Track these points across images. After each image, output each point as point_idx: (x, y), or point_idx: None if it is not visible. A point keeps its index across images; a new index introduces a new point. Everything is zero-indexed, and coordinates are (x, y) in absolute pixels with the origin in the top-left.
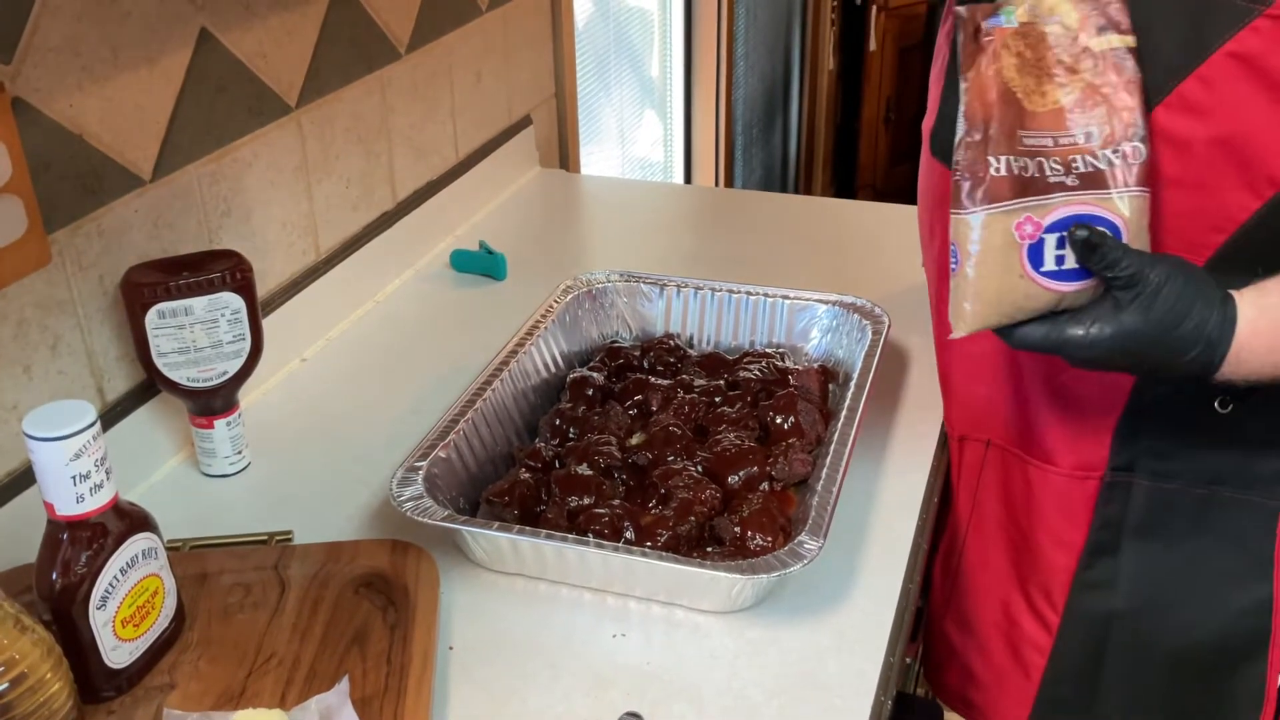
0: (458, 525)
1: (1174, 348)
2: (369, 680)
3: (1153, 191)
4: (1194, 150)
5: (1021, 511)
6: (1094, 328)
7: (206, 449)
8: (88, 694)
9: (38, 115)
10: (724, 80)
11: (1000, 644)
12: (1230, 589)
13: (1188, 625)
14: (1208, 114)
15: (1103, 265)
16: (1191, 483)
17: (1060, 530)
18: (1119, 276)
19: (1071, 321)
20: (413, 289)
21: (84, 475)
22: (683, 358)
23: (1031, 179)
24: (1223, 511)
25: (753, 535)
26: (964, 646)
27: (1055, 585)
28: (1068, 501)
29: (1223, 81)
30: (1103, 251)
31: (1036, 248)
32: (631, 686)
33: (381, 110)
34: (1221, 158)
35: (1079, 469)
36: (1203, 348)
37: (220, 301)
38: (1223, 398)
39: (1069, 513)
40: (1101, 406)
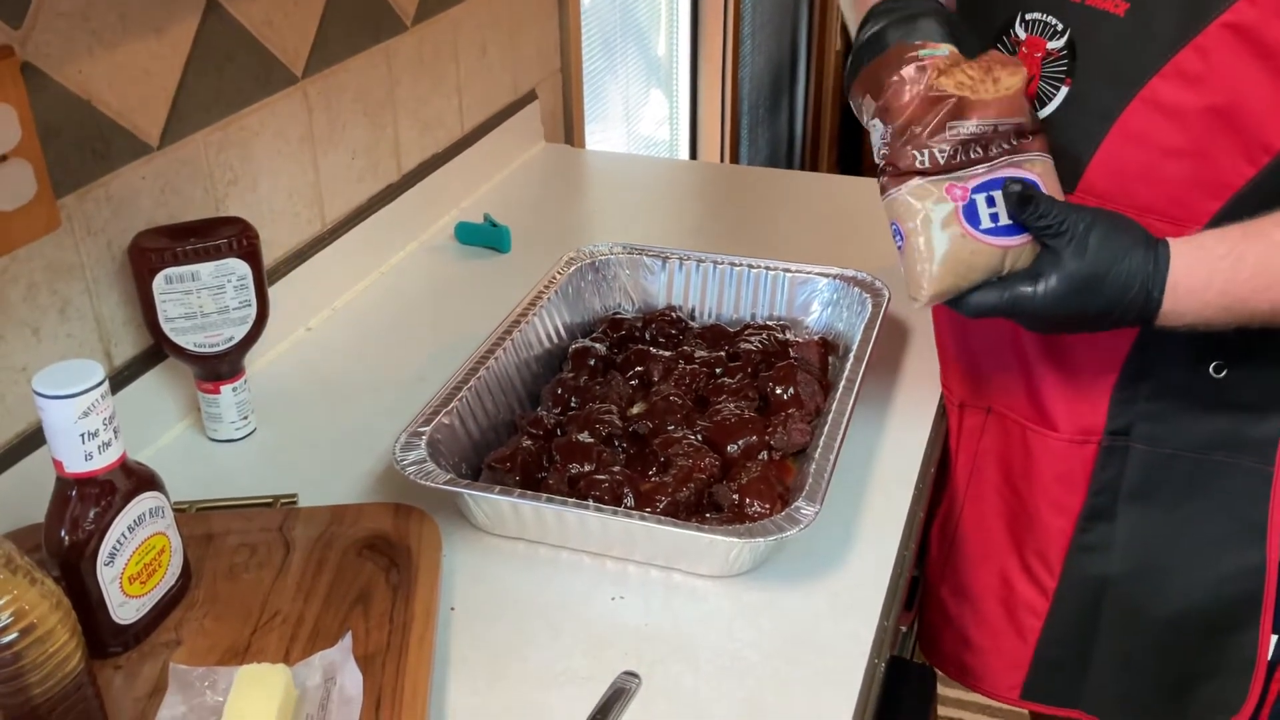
0: (460, 489)
1: (1115, 286)
2: (371, 638)
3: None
4: (1189, 120)
5: (1020, 477)
6: (1040, 282)
7: (213, 414)
8: (95, 649)
9: (47, 80)
10: (730, 59)
11: (996, 609)
12: (1223, 554)
13: (1181, 589)
14: (1203, 83)
15: (1035, 215)
16: (1186, 447)
17: (1058, 495)
18: (1050, 225)
19: (1018, 281)
20: (418, 260)
21: (92, 433)
22: (684, 329)
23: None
24: (1217, 476)
25: (751, 502)
26: (959, 612)
27: (1052, 550)
28: (1066, 467)
29: (1218, 51)
30: (1035, 203)
31: (970, 208)
32: (629, 647)
33: (387, 82)
34: (1217, 126)
35: (1078, 434)
36: (1139, 286)
37: (227, 267)
38: (1217, 362)
39: (1067, 478)
40: (1099, 371)
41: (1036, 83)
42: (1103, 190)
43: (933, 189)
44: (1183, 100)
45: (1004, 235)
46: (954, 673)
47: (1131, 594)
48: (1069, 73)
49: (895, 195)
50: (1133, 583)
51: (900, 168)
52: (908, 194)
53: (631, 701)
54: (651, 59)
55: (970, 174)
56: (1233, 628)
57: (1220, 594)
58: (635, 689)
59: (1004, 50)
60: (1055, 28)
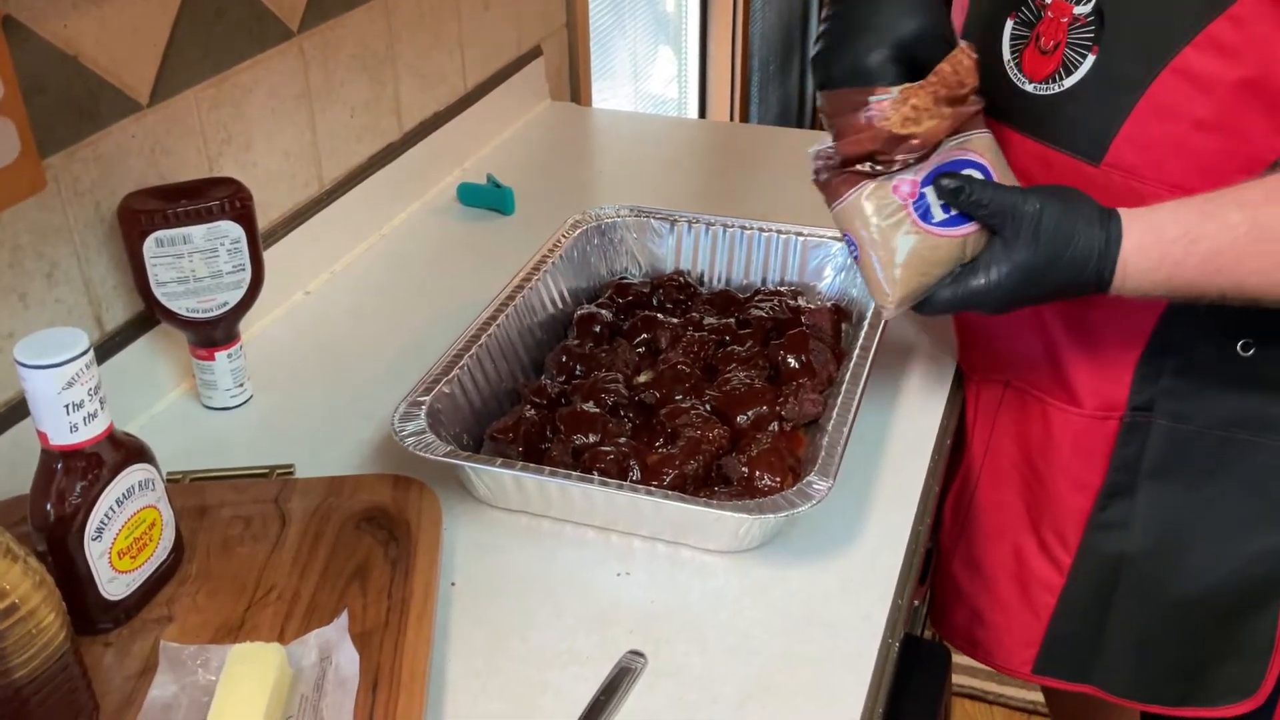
0: (460, 461)
1: (1070, 267)
2: (369, 615)
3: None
4: (1221, 92)
5: (1038, 453)
6: (991, 272)
7: (207, 381)
8: (84, 626)
9: (29, 34)
10: (740, 15)
11: (1010, 584)
12: (1244, 534)
13: (1200, 569)
14: (1238, 55)
15: (972, 205)
16: (1209, 425)
17: (1077, 471)
18: (991, 213)
19: (969, 274)
20: (419, 222)
21: (77, 404)
22: (692, 295)
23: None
24: (1240, 456)
25: (761, 475)
26: (972, 587)
27: (1069, 526)
28: (1087, 442)
29: (1254, 21)
30: (968, 192)
31: (921, 203)
32: (635, 625)
33: (387, 37)
34: (1250, 98)
35: (1100, 410)
36: (1092, 269)
37: (219, 230)
38: (1245, 340)
39: (1087, 454)
40: (1123, 345)
41: (1062, 50)
42: (1130, 164)
43: (880, 189)
44: (1215, 71)
45: (958, 224)
46: (964, 646)
47: (1149, 572)
48: (1096, 40)
49: (844, 203)
50: (1151, 561)
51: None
52: (856, 199)
53: (637, 681)
54: (660, 15)
55: (915, 168)
56: (1252, 610)
57: (1241, 575)
58: (641, 668)
59: (1029, 14)
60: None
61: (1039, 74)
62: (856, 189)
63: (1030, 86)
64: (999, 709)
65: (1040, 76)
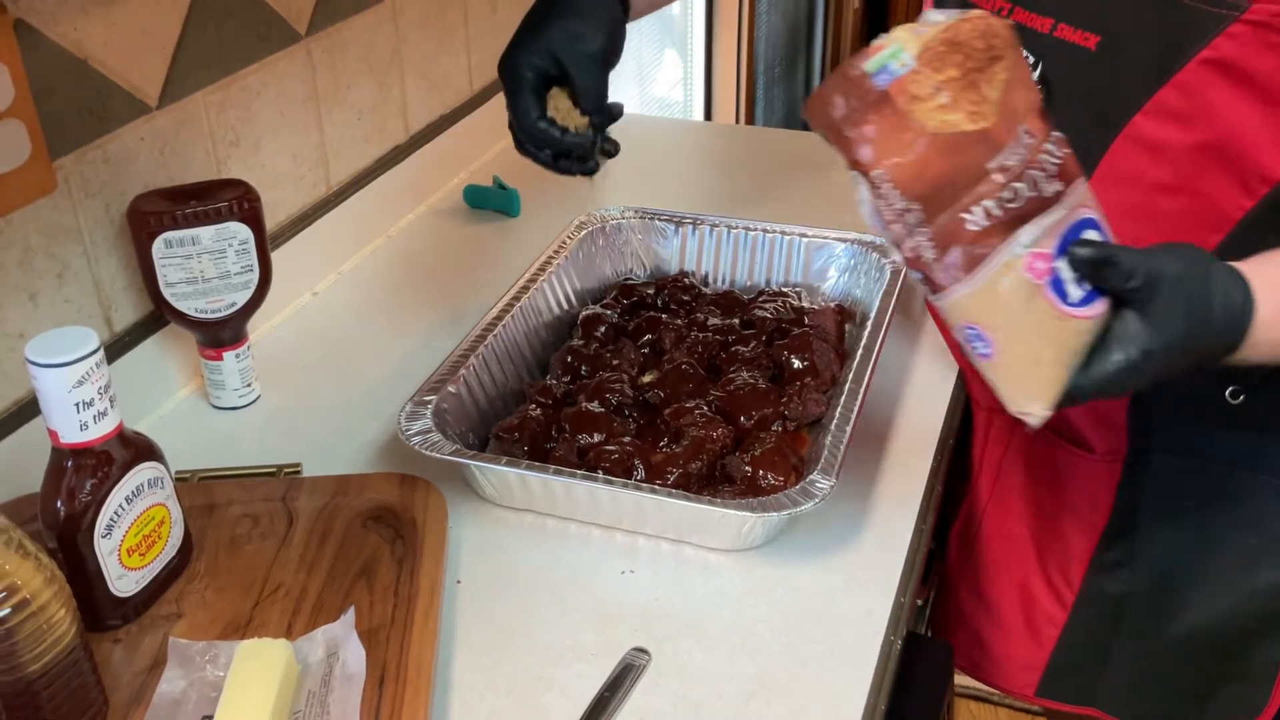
0: (466, 460)
1: (1213, 337)
2: (376, 612)
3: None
4: (1178, 155)
5: (1046, 490)
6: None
7: (216, 381)
8: (94, 622)
9: (40, 38)
10: (746, 17)
11: (1015, 615)
12: (1245, 570)
13: (1203, 604)
14: (1189, 120)
15: (1117, 278)
16: (1208, 462)
17: (1083, 512)
18: (1138, 285)
19: (1104, 357)
20: (425, 224)
21: (87, 403)
22: (697, 296)
23: (1020, 206)
24: (1239, 493)
25: (764, 474)
26: (975, 614)
27: (1073, 565)
28: (1093, 484)
29: (1201, 89)
30: (1113, 263)
31: (1057, 282)
32: (639, 623)
33: (394, 40)
34: (1208, 161)
35: (1107, 454)
36: (1233, 330)
37: (227, 231)
38: (1233, 389)
39: (1093, 496)
40: None
41: None
42: None
43: (1011, 269)
44: (1169, 137)
45: (1093, 300)
46: (967, 667)
47: (1151, 609)
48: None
49: (966, 289)
50: (1153, 599)
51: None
52: (988, 283)
53: (641, 678)
54: (665, 18)
55: (1038, 230)
56: (1251, 643)
57: (1243, 610)
58: (645, 666)
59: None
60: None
61: None
62: (982, 269)
63: None
64: (1003, 710)
65: None
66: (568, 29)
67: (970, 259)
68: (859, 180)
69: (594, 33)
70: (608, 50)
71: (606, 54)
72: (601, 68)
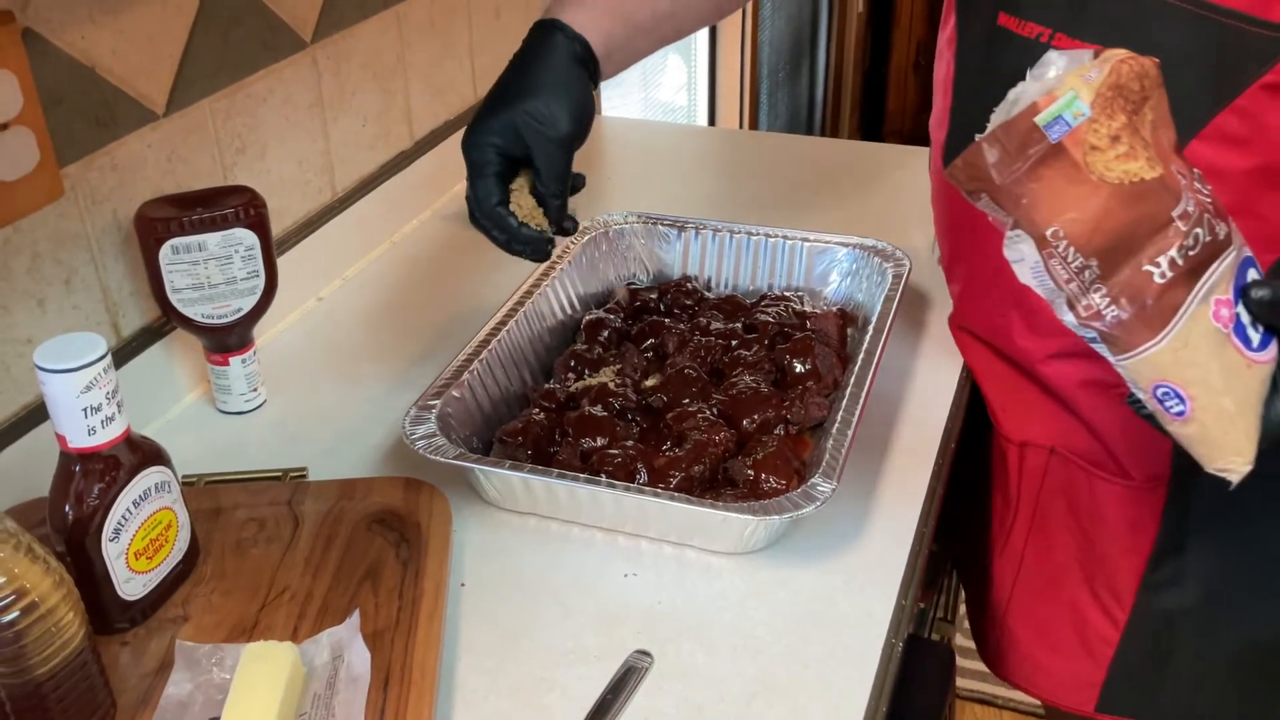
0: (470, 464)
1: None
2: (380, 614)
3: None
4: (1235, 180)
5: (1087, 518)
6: None
7: (222, 386)
8: (101, 625)
9: (48, 46)
10: (750, 22)
11: (1069, 636)
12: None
13: (1256, 615)
14: (1247, 144)
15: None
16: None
17: (1127, 538)
18: None
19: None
20: (430, 229)
21: (95, 408)
22: (700, 300)
23: (1199, 253)
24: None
25: (766, 478)
26: (1027, 637)
27: (1123, 584)
28: (1135, 511)
29: (1260, 113)
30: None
31: (1239, 327)
32: (642, 625)
33: (398, 47)
34: (1265, 183)
35: (1147, 480)
36: None
37: (234, 237)
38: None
39: (1136, 521)
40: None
41: None
42: None
43: (1199, 320)
44: (1228, 162)
45: (1269, 342)
46: (1024, 686)
47: (1206, 621)
48: None
49: (1158, 345)
50: (1207, 611)
51: (1146, 298)
52: (1177, 337)
53: (643, 681)
54: None
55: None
56: None
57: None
58: (647, 668)
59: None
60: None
61: None
62: (1174, 323)
63: None
64: (1008, 713)
65: None
66: (534, 111)
67: (1160, 313)
68: (1019, 239)
69: (561, 116)
70: (574, 135)
71: (573, 139)
72: (567, 152)
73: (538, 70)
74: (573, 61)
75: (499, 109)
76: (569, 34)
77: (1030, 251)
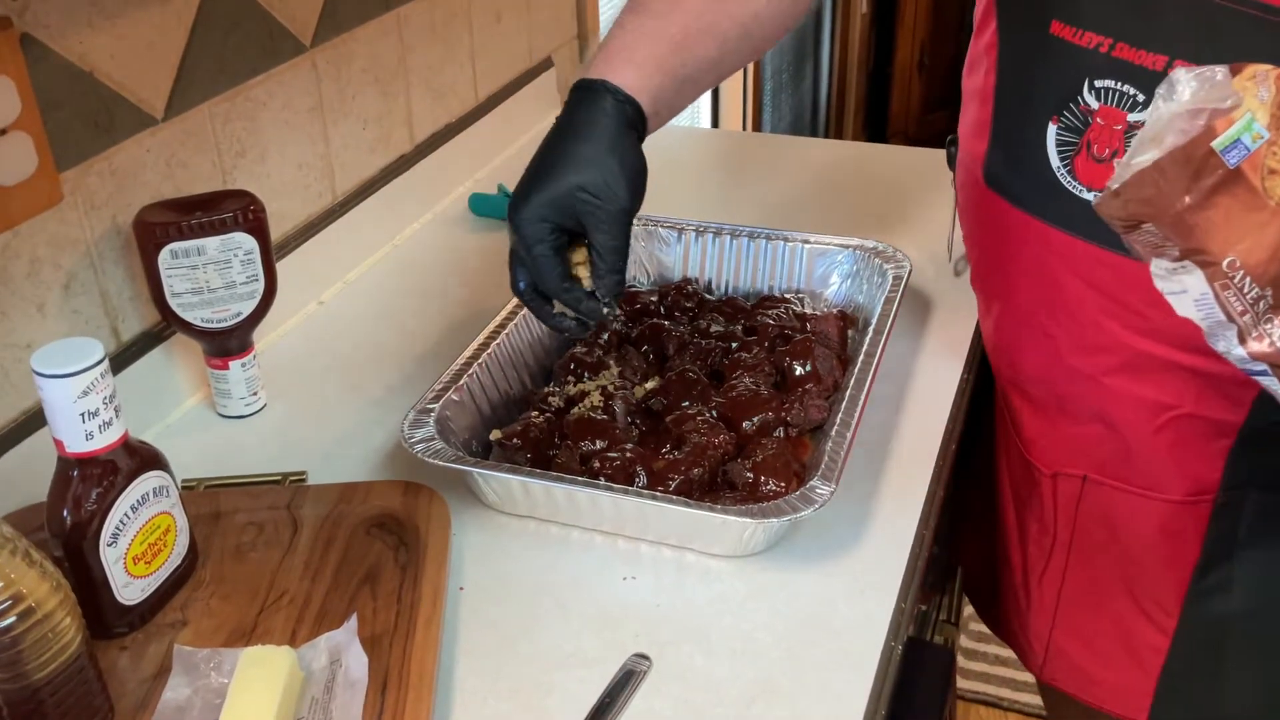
0: (468, 467)
1: None
2: (379, 618)
3: None
4: None
5: (1126, 535)
6: None
7: (222, 390)
8: (100, 630)
9: (46, 51)
10: None
11: (1115, 646)
12: None
13: None
14: None
15: None
16: None
17: (1172, 551)
18: None
19: None
20: (431, 233)
21: (92, 413)
22: (700, 303)
23: None
24: None
25: (766, 480)
26: (1074, 649)
27: (1168, 596)
28: (1178, 526)
29: None
30: None
31: None
32: (641, 628)
33: (399, 50)
34: None
35: (1189, 495)
36: None
37: (233, 242)
38: None
39: (1179, 536)
40: (1213, 436)
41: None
42: None
43: None
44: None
45: None
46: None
47: (1260, 623)
48: None
49: None
50: (1260, 614)
51: None
52: None
53: (642, 684)
54: None
55: None
56: None
57: None
58: (646, 671)
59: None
60: (1135, 98)
61: (1098, 183)
62: None
63: (1090, 195)
64: (1013, 715)
65: (1100, 185)
66: (590, 185)
67: None
68: (1183, 271)
69: (619, 189)
70: (633, 208)
71: (632, 211)
72: (626, 226)
73: (589, 139)
74: (626, 128)
75: (550, 182)
76: (620, 97)
77: (1196, 283)
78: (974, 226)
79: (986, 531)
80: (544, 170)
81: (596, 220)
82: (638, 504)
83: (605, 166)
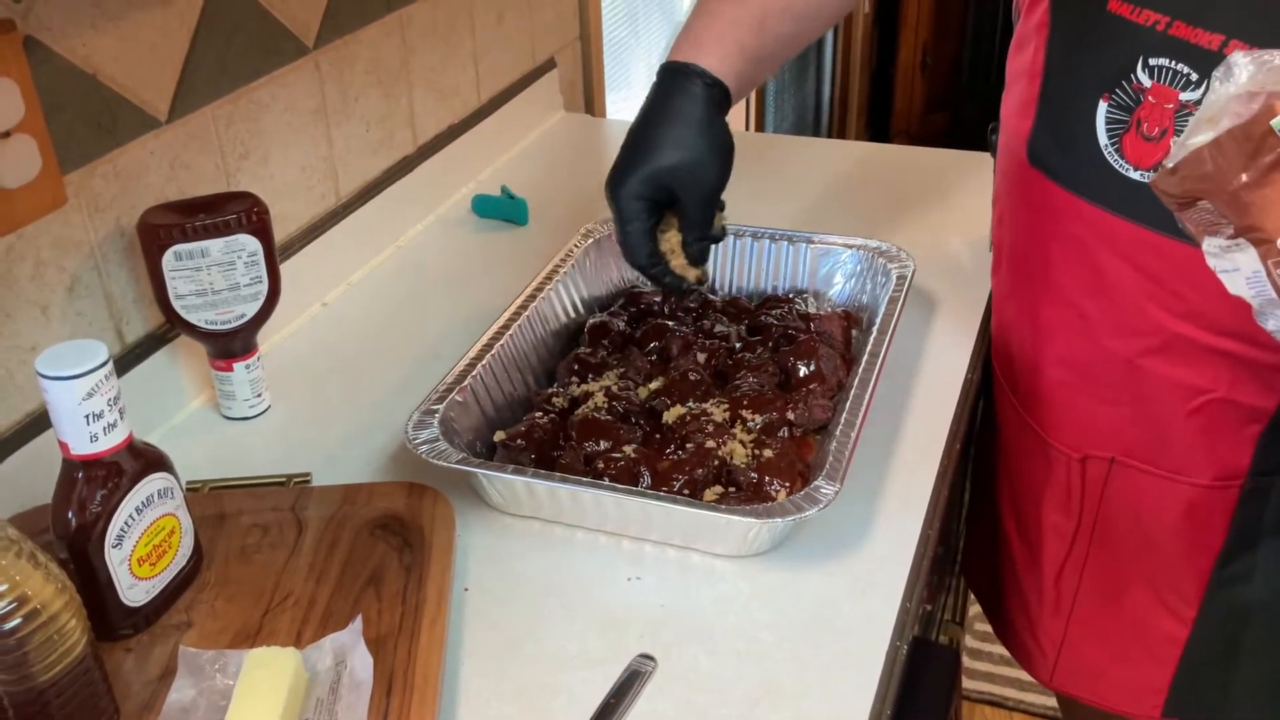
0: (473, 468)
1: None
2: (383, 620)
3: None
4: None
5: (1152, 521)
6: None
7: (226, 392)
8: (105, 631)
9: (50, 54)
10: None
11: (1132, 641)
12: None
13: None
14: None
15: None
16: None
17: (1196, 537)
18: None
19: None
20: (434, 234)
21: (97, 414)
22: (704, 303)
23: None
24: None
25: (770, 480)
26: (1090, 646)
27: (1189, 584)
28: (1205, 511)
29: None
30: None
31: None
32: (645, 629)
33: (401, 52)
34: None
35: (1218, 480)
36: None
37: (237, 243)
38: None
39: (1205, 521)
40: (1245, 421)
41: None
42: None
43: None
44: None
45: None
46: (1088, 696)
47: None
48: None
49: None
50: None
51: None
52: None
53: (647, 684)
54: (675, 26)
55: None
56: None
57: None
58: (651, 672)
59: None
60: (1188, 77)
61: (1145, 161)
62: None
63: (1136, 174)
64: (1019, 715)
65: (1148, 164)
66: (685, 165)
67: None
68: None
69: (712, 168)
70: (723, 185)
71: (721, 189)
72: (715, 202)
73: (682, 121)
74: (714, 110)
75: (646, 161)
76: (708, 80)
77: (1249, 261)
78: (1013, 207)
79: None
80: (640, 150)
81: (691, 197)
82: (642, 504)
83: (698, 147)
